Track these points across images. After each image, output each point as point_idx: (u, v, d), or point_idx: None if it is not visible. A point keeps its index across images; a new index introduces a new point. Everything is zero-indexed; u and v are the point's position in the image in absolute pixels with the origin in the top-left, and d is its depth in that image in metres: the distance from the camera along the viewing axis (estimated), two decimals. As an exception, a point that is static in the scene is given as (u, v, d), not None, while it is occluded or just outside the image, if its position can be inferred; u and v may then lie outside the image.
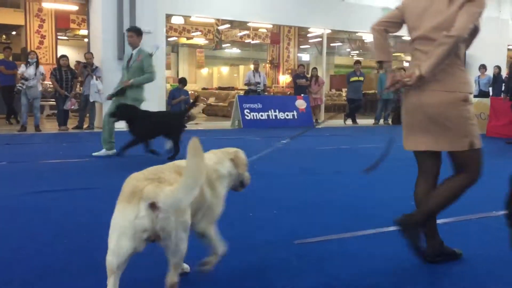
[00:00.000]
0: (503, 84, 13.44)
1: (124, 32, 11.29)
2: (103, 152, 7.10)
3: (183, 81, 12.62)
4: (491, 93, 14.16)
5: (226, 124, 13.16)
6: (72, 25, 18.22)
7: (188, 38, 22.65)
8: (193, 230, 2.36)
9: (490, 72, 14.76)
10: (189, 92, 13.35)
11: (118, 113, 6.60)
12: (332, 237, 3.41)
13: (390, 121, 14.90)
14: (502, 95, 11.74)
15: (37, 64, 10.36)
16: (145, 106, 11.69)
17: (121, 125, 7.11)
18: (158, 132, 6.82)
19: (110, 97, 7.26)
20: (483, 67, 14.66)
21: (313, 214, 4.05)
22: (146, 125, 6.59)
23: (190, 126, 12.48)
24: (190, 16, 16.00)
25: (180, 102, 12.23)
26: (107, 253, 2.04)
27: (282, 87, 21.89)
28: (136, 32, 7.20)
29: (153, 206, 2.02)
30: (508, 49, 17.55)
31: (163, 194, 2.02)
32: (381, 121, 14.90)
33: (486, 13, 10.41)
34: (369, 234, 3.50)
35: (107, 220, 2.10)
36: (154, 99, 11.95)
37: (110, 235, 2.05)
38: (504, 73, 15.09)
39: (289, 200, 4.52)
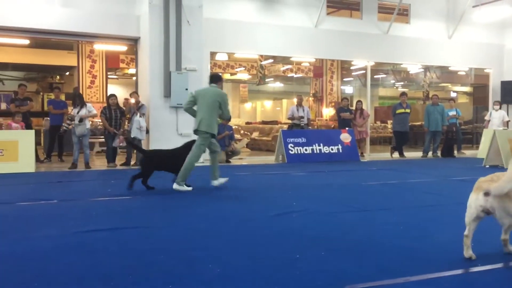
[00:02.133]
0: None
1: (170, 71, 11.65)
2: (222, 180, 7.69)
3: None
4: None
5: (270, 159, 13.12)
6: (121, 65, 18.96)
7: (232, 74, 23.04)
8: None
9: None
10: (233, 127, 13.47)
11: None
12: (385, 282, 3.23)
13: (439, 154, 14.42)
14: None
15: (83, 103, 10.75)
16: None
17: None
18: None
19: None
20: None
21: (364, 256, 3.86)
22: None
23: (234, 161, 12.56)
24: (234, 53, 16.31)
25: (225, 138, 12.33)
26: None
27: (326, 120, 21.76)
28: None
29: (486, 194, 3.55)
30: None
31: (492, 186, 3.48)
32: (430, 153, 14.44)
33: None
34: (427, 280, 3.29)
35: (152, 260, 2.05)
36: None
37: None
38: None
39: (337, 240, 4.36)
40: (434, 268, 3.48)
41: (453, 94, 26.72)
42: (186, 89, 11.71)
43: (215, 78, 7.98)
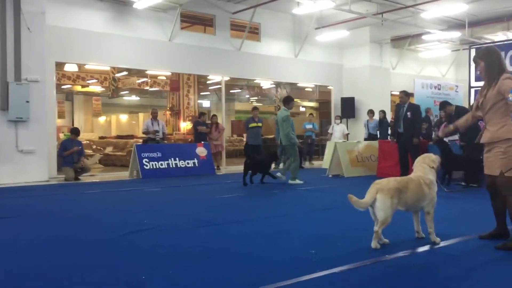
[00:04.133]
0: (389, 127, 14.48)
1: (7, 81, 10.58)
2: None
3: (75, 131, 12.00)
4: (378, 136, 15.14)
5: (124, 175, 12.62)
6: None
7: (83, 86, 21.80)
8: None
9: (377, 117, 15.82)
10: (82, 142, 12.71)
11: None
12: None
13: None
14: (389, 138, 12.57)
15: None
16: (35, 159, 10.85)
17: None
18: None
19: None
20: (371, 112, 15.71)
21: (215, 271, 3.85)
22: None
23: (84, 178, 11.82)
24: (84, 64, 15.46)
25: (73, 154, 11.55)
26: None
27: (184, 134, 21.72)
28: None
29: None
30: (391, 95, 19.08)
31: (357, 203, 4.53)
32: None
33: (370, 63, 11.37)
34: (268, 290, 3.38)
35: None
36: (42, 150, 11.21)
37: None
38: (389, 117, 16.31)
39: (188, 257, 4.28)
40: (283, 277, 3.58)
41: (302, 109, 28.68)
42: (27, 102, 10.76)
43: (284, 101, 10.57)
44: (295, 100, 27.90)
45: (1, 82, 10.60)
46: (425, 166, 4.73)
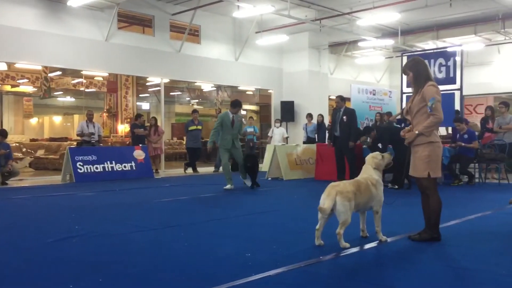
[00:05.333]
0: (327, 131, 14.81)
1: None
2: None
3: (2, 133, 11.34)
4: (316, 139, 15.45)
5: (57, 179, 12.09)
6: None
7: (13, 86, 20.71)
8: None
9: (315, 120, 16.14)
10: (11, 145, 12.05)
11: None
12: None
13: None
14: (326, 142, 12.85)
15: None
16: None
17: None
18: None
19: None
20: (309, 116, 16.01)
21: (147, 278, 3.74)
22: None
23: (12, 182, 11.21)
24: (14, 63, 14.69)
25: (0, 156, 10.91)
26: None
27: (121, 136, 21.15)
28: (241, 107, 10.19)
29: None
30: (329, 99, 19.55)
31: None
32: (221, 168, 15.16)
33: (309, 67, 11.62)
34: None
35: None
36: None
37: None
38: (327, 121, 16.69)
39: (119, 264, 4.13)
40: (218, 281, 3.54)
41: (243, 112, 28.76)
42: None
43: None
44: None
45: None
46: (369, 167, 4.88)
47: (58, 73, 19.60)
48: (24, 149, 17.22)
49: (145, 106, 26.18)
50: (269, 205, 8.01)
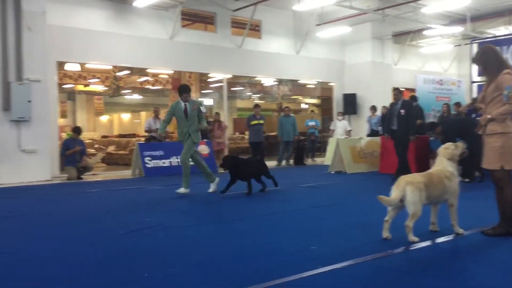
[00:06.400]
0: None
1: (9, 81, 10.60)
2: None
3: (77, 130, 12.02)
4: (381, 132, 15.07)
5: (127, 174, 12.63)
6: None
7: (85, 85, 21.82)
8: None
9: (379, 112, 15.78)
10: (84, 142, 12.71)
11: (225, 164, 8.24)
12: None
13: (291, 162, 15.29)
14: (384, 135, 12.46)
15: None
16: (37, 159, 10.90)
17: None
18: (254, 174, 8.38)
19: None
20: (373, 108, 15.68)
21: (216, 268, 3.84)
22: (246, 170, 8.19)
23: (86, 177, 11.84)
24: (85, 63, 15.48)
25: (75, 153, 11.56)
26: None
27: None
28: (190, 91, 8.57)
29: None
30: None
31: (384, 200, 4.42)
32: (284, 162, 15.23)
33: (372, 58, 11.27)
34: (273, 285, 3.37)
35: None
36: (44, 150, 11.25)
37: None
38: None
39: (188, 255, 4.28)
40: (286, 273, 3.57)
41: (304, 106, 28.66)
42: (29, 101, 10.79)
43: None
44: (297, 97, 27.84)
45: (2, 82, 10.63)
46: (442, 159, 4.74)
47: (126, 72, 20.40)
48: (96, 146, 18.12)
49: (208, 101, 26.73)
50: (333, 198, 7.95)
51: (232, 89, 23.43)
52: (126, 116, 28.24)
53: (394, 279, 3.53)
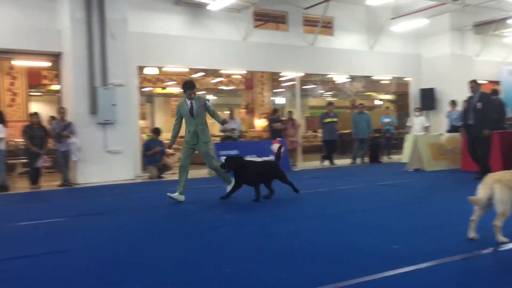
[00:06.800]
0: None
1: (95, 86, 11.31)
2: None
3: (157, 131, 12.57)
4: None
5: (203, 172, 13.00)
6: (44, 81, 18.10)
7: (162, 88, 22.73)
8: None
9: (460, 107, 15.04)
10: (163, 142, 13.23)
11: (227, 164, 7.45)
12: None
13: (366, 160, 15.00)
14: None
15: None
16: (121, 159, 11.53)
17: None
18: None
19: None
20: (452, 103, 14.99)
21: (296, 264, 3.88)
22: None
23: (167, 176, 12.34)
24: (162, 67, 16.13)
25: (156, 153, 12.10)
26: None
27: (259, 131, 21.97)
28: (194, 87, 7.83)
29: None
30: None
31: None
32: (358, 160, 14.98)
33: (451, 51, 10.78)
34: (354, 285, 3.36)
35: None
36: (128, 151, 11.86)
37: None
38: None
39: (268, 251, 4.36)
40: (368, 271, 3.55)
41: (378, 102, 27.93)
42: (114, 105, 11.43)
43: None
44: (370, 93, 27.20)
45: (89, 87, 11.34)
46: None
47: (201, 74, 20.99)
48: (174, 146, 18.79)
49: (279, 100, 26.85)
50: (412, 196, 7.72)
51: (303, 87, 23.38)
52: (201, 117, 28.99)
53: (482, 280, 3.39)
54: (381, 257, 3.99)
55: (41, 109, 15.33)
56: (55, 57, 12.17)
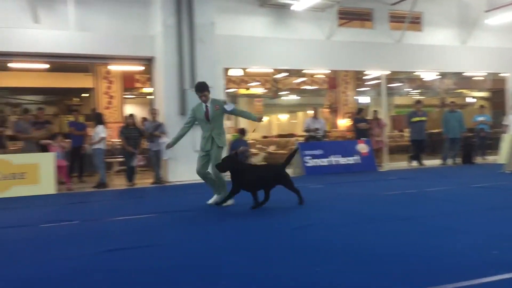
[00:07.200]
0: None
1: (185, 88, 11.80)
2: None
3: (242, 132, 12.84)
4: None
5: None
6: (137, 84, 19.22)
7: (246, 89, 23.18)
8: None
9: None
10: (248, 142, 13.53)
11: (223, 166, 6.95)
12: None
13: (458, 161, 14.26)
14: None
15: (99, 123, 11.25)
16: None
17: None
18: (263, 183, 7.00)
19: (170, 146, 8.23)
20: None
21: (383, 267, 3.81)
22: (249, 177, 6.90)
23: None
24: (247, 68, 16.44)
25: (243, 153, 12.36)
26: None
27: (342, 131, 21.68)
28: (208, 89, 7.43)
29: None
30: None
31: None
32: (449, 161, 14.28)
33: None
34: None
35: (173, 279, 2.08)
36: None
37: None
38: None
39: (354, 252, 4.31)
40: (465, 276, 3.42)
41: (470, 100, 26.41)
42: (202, 106, 11.82)
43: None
44: (462, 90, 25.82)
45: (179, 89, 11.87)
46: None
47: (284, 74, 21.13)
48: (258, 146, 19.10)
49: (364, 99, 26.27)
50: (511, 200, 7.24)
51: (388, 85, 22.70)
52: (284, 117, 29.20)
53: None
54: (480, 262, 3.79)
55: (134, 111, 16.26)
56: (148, 61, 12.88)
